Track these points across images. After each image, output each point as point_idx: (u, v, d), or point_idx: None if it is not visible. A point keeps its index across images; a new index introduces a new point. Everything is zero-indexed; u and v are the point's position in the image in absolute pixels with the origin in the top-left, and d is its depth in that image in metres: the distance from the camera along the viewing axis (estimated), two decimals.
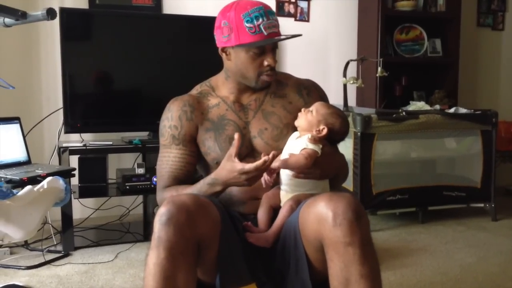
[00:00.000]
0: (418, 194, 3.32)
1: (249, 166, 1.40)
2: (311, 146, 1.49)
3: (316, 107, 1.58)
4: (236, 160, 1.43)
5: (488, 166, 3.41)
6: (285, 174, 1.53)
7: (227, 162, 1.46)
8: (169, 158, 1.63)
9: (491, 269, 2.58)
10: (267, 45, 1.55)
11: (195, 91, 1.71)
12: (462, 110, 3.48)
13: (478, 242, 3.00)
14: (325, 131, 1.55)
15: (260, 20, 1.51)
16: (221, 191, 1.51)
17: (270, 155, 1.40)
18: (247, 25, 1.51)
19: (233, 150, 1.45)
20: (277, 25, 1.56)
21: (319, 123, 1.55)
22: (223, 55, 1.63)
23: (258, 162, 1.40)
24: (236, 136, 1.45)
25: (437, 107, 3.74)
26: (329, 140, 1.58)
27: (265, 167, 1.41)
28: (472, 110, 3.49)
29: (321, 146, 1.51)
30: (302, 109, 1.60)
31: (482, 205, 3.46)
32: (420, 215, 3.35)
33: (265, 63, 1.56)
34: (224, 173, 1.47)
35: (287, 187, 1.53)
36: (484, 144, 3.40)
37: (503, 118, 3.82)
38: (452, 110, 3.51)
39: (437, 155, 3.61)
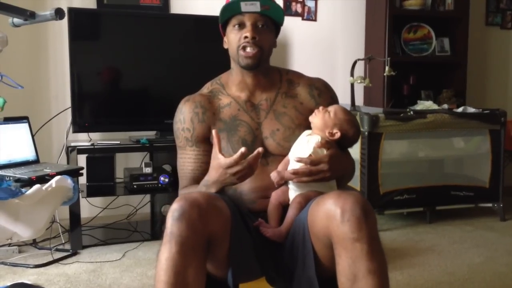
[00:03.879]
0: (425, 194, 3.31)
1: (229, 160, 1.42)
2: (318, 151, 1.51)
3: (335, 110, 1.60)
4: (220, 156, 1.45)
5: (496, 166, 3.39)
6: None
7: (214, 161, 1.48)
8: (185, 159, 1.67)
9: (499, 269, 2.57)
10: (247, 19, 1.58)
11: (206, 89, 1.72)
12: (470, 110, 3.47)
13: (486, 242, 2.98)
14: (338, 135, 1.57)
15: None
16: (218, 191, 1.52)
17: (243, 149, 1.41)
18: (230, 1, 1.59)
19: (216, 147, 1.47)
20: (257, 5, 1.58)
21: (334, 126, 1.57)
22: (225, 42, 1.68)
23: (235, 155, 1.41)
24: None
25: (445, 106, 3.73)
26: (338, 145, 1.59)
27: (249, 160, 1.42)
28: (481, 110, 3.47)
29: (325, 150, 1.52)
30: (320, 107, 1.61)
31: (490, 205, 3.44)
32: (428, 215, 3.34)
33: (243, 35, 1.59)
34: (213, 173, 1.49)
35: (295, 185, 1.55)
36: (493, 144, 3.38)
37: None
38: (460, 110, 3.49)
39: (445, 155, 3.60)
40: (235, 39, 1.61)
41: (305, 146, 1.55)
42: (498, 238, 3.07)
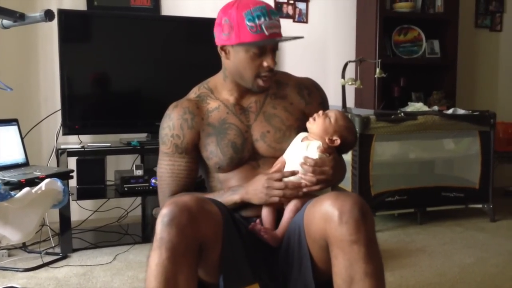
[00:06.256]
0: (416, 195, 3.32)
1: (275, 169, 1.54)
2: (324, 157, 1.52)
3: (336, 116, 1.59)
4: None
5: (486, 167, 3.41)
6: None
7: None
8: (173, 166, 1.62)
9: (490, 270, 2.58)
10: (268, 45, 1.53)
11: (193, 94, 1.69)
12: (460, 111, 3.49)
13: (477, 243, 3.00)
14: (338, 142, 1.57)
15: (262, 19, 1.48)
16: (238, 202, 1.54)
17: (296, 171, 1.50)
18: (249, 23, 1.48)
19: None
20: (279, 26, 1.53)
21: (334, 133, 1.56)
22: (222, 54, 1.60)
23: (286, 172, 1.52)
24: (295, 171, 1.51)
25: (435, 108, 3.75)
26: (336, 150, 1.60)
27: (290, 183, 1.50)
28: (470, 111, 3.49)
29: (328, 155, 1.53)
30: (320, 112, 1.59)
31: (480, 206, 3.46)
32: (419, 216, 3.35)
33: (264, 64, 1.54)
34: (251, 182, 1.53)
35: None
36: (482, 145, 3.40)
37: (501, 119, 3.83)
38: (450, 111, 3.51)
39: (435, 156, 3.62)
40: (251, 64, 1.54)
41: (305, 152, 1.53)
42: (488, 239, 3.09)
